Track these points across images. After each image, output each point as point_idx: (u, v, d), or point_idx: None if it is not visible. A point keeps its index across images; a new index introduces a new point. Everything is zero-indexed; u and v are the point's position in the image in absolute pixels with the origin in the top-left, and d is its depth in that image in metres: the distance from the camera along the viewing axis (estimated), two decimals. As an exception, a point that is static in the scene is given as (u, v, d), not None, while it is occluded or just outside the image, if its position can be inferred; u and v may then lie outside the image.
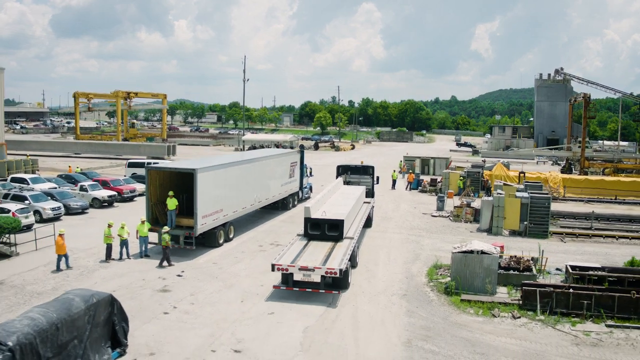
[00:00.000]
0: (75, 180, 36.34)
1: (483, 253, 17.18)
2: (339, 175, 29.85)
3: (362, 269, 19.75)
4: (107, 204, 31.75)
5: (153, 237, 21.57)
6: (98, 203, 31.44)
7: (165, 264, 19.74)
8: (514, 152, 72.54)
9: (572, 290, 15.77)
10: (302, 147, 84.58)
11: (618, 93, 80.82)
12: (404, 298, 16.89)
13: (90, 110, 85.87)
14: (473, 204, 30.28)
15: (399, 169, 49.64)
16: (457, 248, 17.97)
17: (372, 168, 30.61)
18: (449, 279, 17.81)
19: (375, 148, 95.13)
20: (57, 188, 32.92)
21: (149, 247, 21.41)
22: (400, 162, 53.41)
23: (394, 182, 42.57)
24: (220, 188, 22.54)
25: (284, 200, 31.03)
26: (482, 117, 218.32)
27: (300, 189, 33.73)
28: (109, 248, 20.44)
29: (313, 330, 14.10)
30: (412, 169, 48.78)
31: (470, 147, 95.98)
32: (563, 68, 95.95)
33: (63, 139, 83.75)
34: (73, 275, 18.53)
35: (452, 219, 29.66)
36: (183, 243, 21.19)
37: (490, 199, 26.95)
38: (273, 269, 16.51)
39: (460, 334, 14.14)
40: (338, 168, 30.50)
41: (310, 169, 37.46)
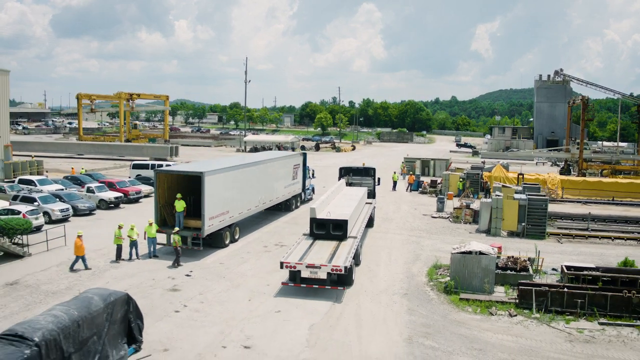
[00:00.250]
0: (81, 182, 36.97)
1: (481, 254, 17.82)
2: (342, 177, 30.63)
3: (364, 269, 20.39)
4: (113, 206, 32.40)
5: (161, 238, 22.26)
6: (105, 204, 32.08)
7: (176, 264, 20.38)
8: (513, 153, 73.11)
9: (566, 290, 16.41)
10: (302, 147, 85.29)
11: (617, 94, 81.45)
12: (405, 297, 17.54)
13: (93, 112, 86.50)
14: (472, 206, 30.92)
15: (400, 171, 50.22)
16: (456, 249, 18.62)
17: (373, 170, 31.38)
18: (449, 279, 18.45)
19: (376, 149, 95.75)
20: (64, 189, 33.58)
21: (157, 247, 22.08)
22: (402, 164, 53.93)
23: (395, 183, 43.19)
24: (227, 190, 23.20)
25: (287, 202, 31.68)
26: (482, 117, 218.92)
27: (303, 191, 34.38)
28: (119, 249, 21.08)
29: (318, 328, 14.76)
30: (412, 171, 49.39)
31: (470, 147, 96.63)
32: (562, 69, 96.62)
33: (66, 140, 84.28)
34: (85, 275, 19.16)
35: (451, 220, 30.29)
36: (191, 244, 21.82)
37: (489, 201, 27.58)
38: (282, 267, 17.35)
39: (459, 331, 14.79)
40: (340, 170, 31.28)
41: (313, 171, 38.09)
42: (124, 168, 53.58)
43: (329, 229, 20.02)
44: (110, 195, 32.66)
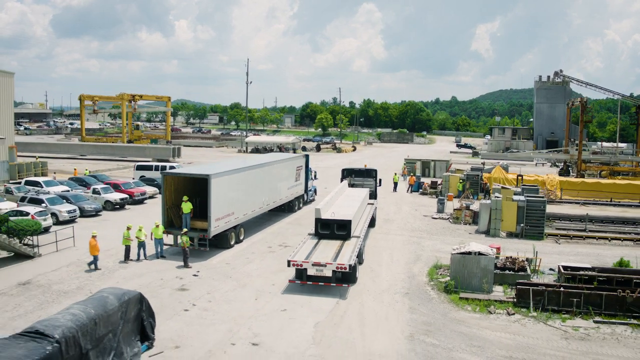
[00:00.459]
0: (86, 183, 37.53)
1: (480, 254, 18.35)
2: (344, 178, 31.33)
3: (367, 269, 20.93)
4: (118, 207, 32.92)
5: (167, 239, 22.79)
6: (110, 205, 32.61)
7: (183, 264, 20.91)
8: (513, 154, 73.67)
9: (562, 289, 16.95)
10: (304, 148, 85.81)
11: (616, 95, 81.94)
12: (407, 296, 18.09)
13: (96, 113, 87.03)
14: (472, 207, 31.46)
15: (401, 172, 50.73)
16: (456, 249, 19.17)
17: (375, 171, 32.09)
18: (449, 279, 18.98)
19: (376, 149, 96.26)
20: (69, 191, 34.10)
21: (164, 248, 22.62)
22: (404, 165, 54.35)
23: (395, 184, 43.71)
24: (232, 192, 23.75)
25: (290, 203, 32.23)
26: (482, 117, 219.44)
27: (306, 192, 34.93)
28: (128, 249, 21.61)
29: (323, 326, 15.31)
30: (413, 172, 49.91)
31: (470, 148, 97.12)
32: (562, 70, 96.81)
33: (69, 141, 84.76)
34: (95, 276, 19.71)
35: (451, 221, 30.82)
36: (197, 244, 22.37)
37: (488, 202, 28.11)
38: (289, 265, 18.09)
39: (459, 329, 15.34)
40: (343, 171, 32.06)
41: (315, 173, 38.64)
42: (127, 169, 54.07)
43: (334, 229, 20.79)
44: (116, 197, 33.18)
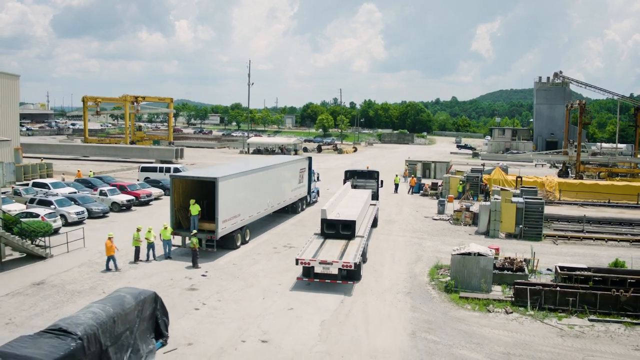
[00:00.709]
0: (92, 185, 38.18)
1: (480, 255, 19.00)
2: (347, 180, 32.07)
3: (370, 269, 21.58)
4: (125, 208, 33.53)
5: (174, 240, 23.43)
6: (117, 207, 33.22)
7: (192, 265, 21.56)
8: (513, 155, 74.35)
9: (559, 289, 17.59)
10: (305, 149, 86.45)
11: (615, 96, 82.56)
12: (409, 295, 18.74)
13: (99, 114, 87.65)
14: (472, 208, 32.09)
15: (403, 173, 51.35)
16: (456, 250, 19.82)
17: (377, 173, 32.81)
18: (449, 279, 19.63)
19: (377, 150, 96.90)
20: (76, 192, 34.71)
21: (172, 249, 23.26)
22: (405, 166, 54.90)
23: (397, 186, 44.35)
24: (239, 194, 24.40)
25: (294, 205, 32.88)
26: (482, 117, 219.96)
27: (309, 194, 35.60)
28: (137, 250, 22.24)
29: (329, 323, 15.97)
30: (414, 173, 50.54)
31: (470, 149, 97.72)
32: (562, 71, 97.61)
33: (72, 142, 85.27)
34: (107, 276, 20.35)
35: (452, 222, 31.46)
36: (205, 245, 23.01)
37: (488, 204, 28.74)
38: (297, 263, 18.93)
39: (459, 327, 15.99)
40: (346, 173, 32.83)
41: (318, 175, 39.27)
42: (131, 170, 54.69)
43: (339, 229, 21.60)
44: (123, 198, 33.80)
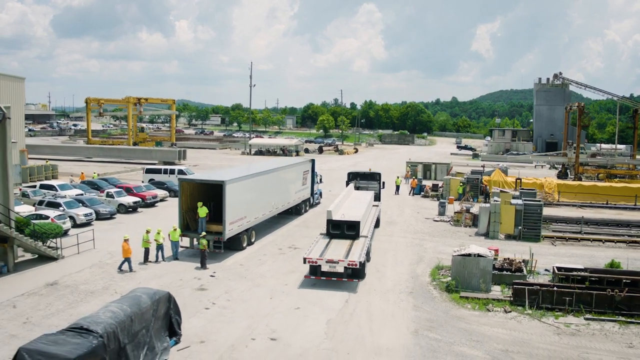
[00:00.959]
0: (98, 187, 38.82)
1: (479, 256, 19.63)
2: (350, 181, 32.84)
3: (373, 270, 22.22)
4: (131, 210, 34.14)
5: (181, 241, 24.06)
6: (124, 209, 33.83)
7: (201, 265, 22.18)
8: (512, 157, 75.03)
9: (556, 289, 18.24)
10: (306, 150, 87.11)
11: (614, 96, 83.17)
12: (411, 295, 19.39)
13: (102, 115, 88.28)
14: (472, 210, 32.72)
15: (404, 175, 51.92)
16: (456, 251, 20.46)
17: (379, 175, 33.57)
18: (450, 279, 20.27)
19: (378, 151, 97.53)
20: (83, 194, 35.32)
21: (180, 250, 23.88)
22: (407, 168, 55.38)
23: (397, 187, 44.97)
24: (245, 197, 25.06)
25: (297, 206, 33.54)
26: (482, 118, 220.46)
27: (312, 195, 36.24)
28: (147, 252, 22.89)
29: (335, 322, 16.61)
30: (414, 175, 51.14)
31: (471, 150, 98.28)
32: (562, 72, 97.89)
33: (75, 144, 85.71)
34: (118, 277, 20.98)
35: (452, 224, 32.09)
36: (212, 247, 23.65)
37: (488, 206, 29.37)
38: (304, 262, 19.80)
39: (460, 325, 16.63)
40: (349, 175, 33.64)
41: (321, 177, 39.93)
42: (135, 172, 55.30)
43: (344, 229, 22.42)
44: (129, 200, 34.41)
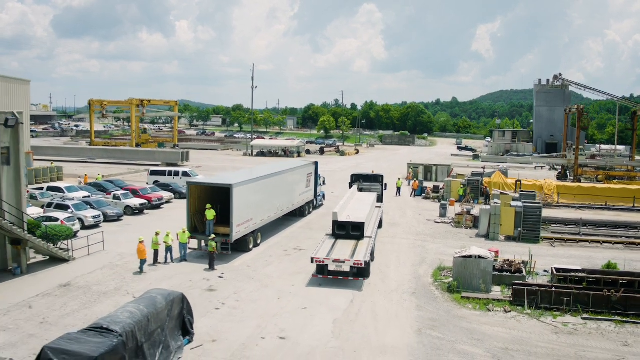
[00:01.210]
0: (104, 189, 39.41)
1: (480, 257, 20.26)
2: (353, 183, 33.56)
3: (376, 271, 22.83)
4: (138, 212, 34.70)
5: (188, 243, 24.67)
6: (130, 211, 34.36)
7: (209, 267, 22.79)
8: (512, 158, 75.65)
9: (554, 289, 18.86)
10: (308, 151, 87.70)
11: (614, 97, 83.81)
12: (414, 295, 20.01)
13: (105, 117, 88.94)
14: (473, 212, 33.32)
15: (406, 176, 52.49)
16: (458, 253, 21.10)
17: (381, 177, 34.32)
18: (451, 280, 20.90)
19: (379, 152, 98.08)
20: (90, 196, 35.89)
21: (188, 252, 24.48)
22: (409, 169, 55.87)
23: (399, 189, 45.56)
24: (251, 199, 25.68)
25: (301, 208, 34.15)
26: (483, 118, 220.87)
27: (315, 197, 36.87)
28: (156, 253, 23.49)
29: (341, 322, 17.24)
30: (416, 176, 51.71)
31: (471, 150, 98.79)
32: (561, 74, 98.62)
33: (78, 145, 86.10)
34: (130, 278, 21.59)
35: (453, 225, 32.70)
36: (220, 248, 24.25)
37: (488, 208, 29.97)
38: (312, 261, 20.62)
39: (461, 325, 17.26)
40: (352, 176, 34.43)
41: (324, 179, 40.53)
42: (139, 173, 55.80)
43: (349, 230, 23.19)
44: (136, 202, 34.99)
